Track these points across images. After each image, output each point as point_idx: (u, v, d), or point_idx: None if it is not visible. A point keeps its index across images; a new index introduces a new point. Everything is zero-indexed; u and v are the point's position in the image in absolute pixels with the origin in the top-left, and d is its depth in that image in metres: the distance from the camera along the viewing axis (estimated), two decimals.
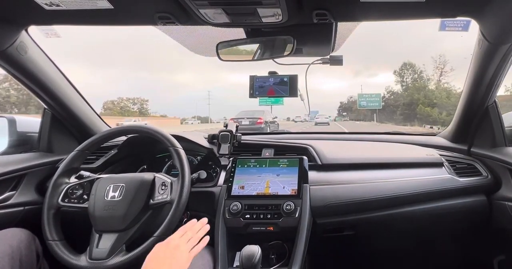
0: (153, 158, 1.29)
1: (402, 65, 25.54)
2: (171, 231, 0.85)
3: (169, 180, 0.93)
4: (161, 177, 0.94)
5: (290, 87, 1.08)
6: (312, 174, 1.07)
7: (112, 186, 0.91)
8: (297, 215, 0.95)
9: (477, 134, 1.20)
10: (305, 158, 1.09)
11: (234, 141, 1.18)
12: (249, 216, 0.97)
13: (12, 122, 1.26)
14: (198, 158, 1.26)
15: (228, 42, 1.03)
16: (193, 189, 0.96)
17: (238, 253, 0.94)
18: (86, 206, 0.90)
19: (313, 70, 1.16)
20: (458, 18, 0.86)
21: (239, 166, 1.09)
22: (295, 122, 22.57)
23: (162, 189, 0.92)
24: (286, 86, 1.09)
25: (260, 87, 1.11)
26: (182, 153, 0.95)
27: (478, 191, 1.11)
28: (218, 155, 1.16)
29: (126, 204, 0.88)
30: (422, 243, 1.30)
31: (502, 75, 1.03)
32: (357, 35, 1.08)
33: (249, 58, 1.05)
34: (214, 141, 1.20)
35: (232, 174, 1.07)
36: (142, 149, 1.26)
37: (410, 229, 1.17)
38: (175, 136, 1.03)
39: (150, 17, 0.86)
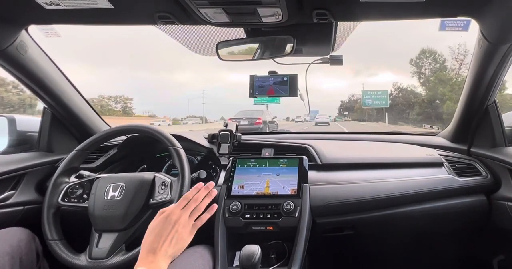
0: (153, 157, 1.29)
1: (420, 52, 21.23)
2: None
3: (169, 180, 0.93)
4: (161, 176, 0.94)
5: (290, 87, 1.08)
6: (312, 174, 1.07)
7: (112, 186, 0.91)
8: (297, 215, 0.95)
9: (477, 134, 1.20)
10: (305, 157, 1.09)
11: (234, 140, 1.18)
12: (249, 216, 0.97)
13: (12, 122, 1.26)
14: (198, 157, 1.26)
15: (228, 42, 1.03)
16: None
17: (238, 252, 0.94)
18: (86, 205, 0.90)
19: (313, 70, 1.16)
20: (458, 18, 0.85)
21: (239, 165, 1.09)
22: (296, 122, 22.48)
23: (162, 188, 0.92)
24: (286, 86, 1.09)
25: (260, 87, 1.11)
26: (182, 152, 0.95)
27: (478, 191, 1.11)
28: (218, 155, 1.16)
29: (126, 204, 0.88)
30: (422, 243, 1.30)
31: (502, 75, 1.03)
32: (357, 35, 1.08)
33: (249, 57, 1.05)
34: (214, 140, 1.20)
35: (232, 174, 1.07)
36: (142, 148, 1.26)
37: (410, 229, 1.17)
38: (175, 136, 1.03)
39: (150, 16, 0.86)
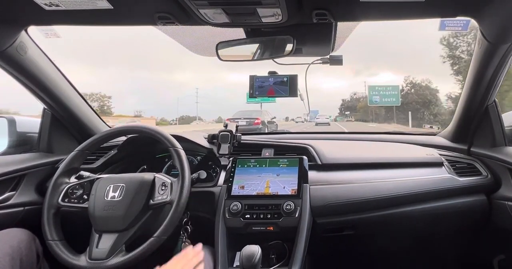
0: (153, 158, 1.29)
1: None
2: (171, 232, 0.85)
3: (169, 181, 0.93)
4: (161, 177, 0.94)
5: (290, 87, 1.08)
6: (312, 174, 1.07)
7: (112, 186, 0.91)
8: (297, 215, 0.95)
9: (477, 133, 1.20)
10: (305, 158, 1.09)
11: (234, 141, 1.18)
12: (249, 216, 0.97)
13: (12, 122, 1.25)
14: (198, 158, 1.26)
15: (228, 42, 1.03)
16: (193, 189, 0.96)
17: (238, 253, 0.94)
18: (86, 206, 0.90)
19: (313, 70, 1.16)
20: (458, 18, 0.86)
21: (239, 166, 1.09)
22: (296, 122, 22.44)
23: (162, 189, 0.92)
24: (286, 86, 1.08)
25: (260, 87, 1.11)
26: (182, 153, 0.95)
27: (478, 191, 1.11)
28: (218, 155, 1.16)
29: (126, 204, 0.88)
30: (422, 243, 1.30)
31: (502, 75, 1.03)
32: (357, 35, 1.08)
33: (249, 58, 1.05)
34: (214, 141, 1.20)
35: (232, 174, 1.07)
36: (142, 149, 1.26)
37: (410, 229, 1.17)
38: (175, 136, 1.03)
39: (150, 17, 0.86)
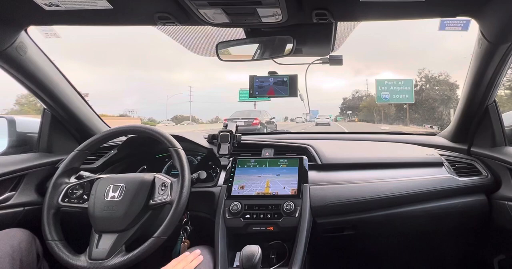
0: (153, 158, 1.29)
1: None
2: (171, 232, 0.85)
3: (169, 181, 0.93)
4: (161, 177, 0.94)
5: (290, 87, 1.08)
6: (312, 174, 1.07)
7: (112, 186, 0.91)
8: (297, 215, 0.95)
9: (477, 133, 1.20)
10: (305, 158, 1.09)
11: (234, 141, 1.18)
12: (249, 216, 0.97)
13: (11, 123, 1.26)
14: (198, 158, 1.26)
15: (227, 42, 1.03)
16: (193, 189, 0.96)
17: (238, 253, 0.94)
18: (86, 206, 0.90)
19: (312, 69, 1.16)
20: (458, 18, 0.86)
21: (239, 166, 1.09)
22: (297, 122, 22.32)
23: (162, 189, 0.92)
24: (286, 86, 1.08)
25: (259, 87, 1.10)
26: (182, 153, 0.95)
27: (478, 191, 1.11)
28: (218, 155, 1.16)
29: (126, 205, 0.88)
30: (423, 243, 1.30)
31: (502, 75, 1.03)
32: (357, 34, 1.08)
33: (248, 58, 1.05)
34: (214, 141, 1.20)
35: (232, 174, 1.07)
36: (142, 149, 1.26)
37: (410, 228, 1.17)
38: (175, 136, 1.03)
39: (150, 17, 0.86)
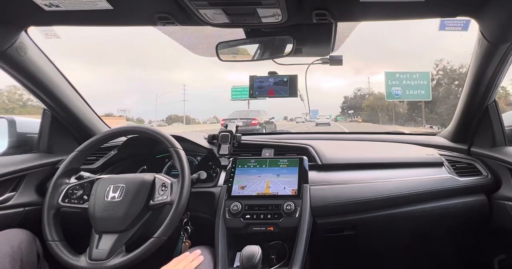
0: (153, 158, 1.29)
1: None
2: (171, 232, 0.85)
3: (169, 181, 0.93)
4: (161, 177, 0.94)
5: (290, 87, 1.08)
6: (312, 174, 1.07)
7: (112, 187, 0.91)
8: (297, 215, 0.95)
9: (477, 133, 1.20)
10: (305, 158, 1.09)
11: (234, 141, 1.18)
12: (249, 217, 0.97)
13: (12, 123, 1.26)
14: (198, 158, 1.26)
15: (227, 43, 1.03)
16: (193, 189, 0.96)
17: (238, 253, 0.94)
18: (86, 206, 0.90)
19: (312, 69, 1.16)
20: (458, 18, 0.86)
21: (239, 166, 1.09)
22: (297, 123, 22.24)
23: (162, 190, 0.92)
24: (286, 86, 1.09)
25: (259, 87, 1.11)
26: (182, 153, 0.95)
27: (478, 191, 1.11)
28: (218, 156, 1.16)
29: (126, 205, 0.88)
30: (423, 243, 1.30)
31: (502, 75, 1.03)
32: (357, 34, 1.08)
33: (248, 58, 1.05)
34: (214, 141, 1.20)
35: (232, 175, 1.07)
36: (142, 149, 1.26)
37: (410, 229, 1.17)
38: (175, 137, 1.03)
39: (150, 17, 0.86)
